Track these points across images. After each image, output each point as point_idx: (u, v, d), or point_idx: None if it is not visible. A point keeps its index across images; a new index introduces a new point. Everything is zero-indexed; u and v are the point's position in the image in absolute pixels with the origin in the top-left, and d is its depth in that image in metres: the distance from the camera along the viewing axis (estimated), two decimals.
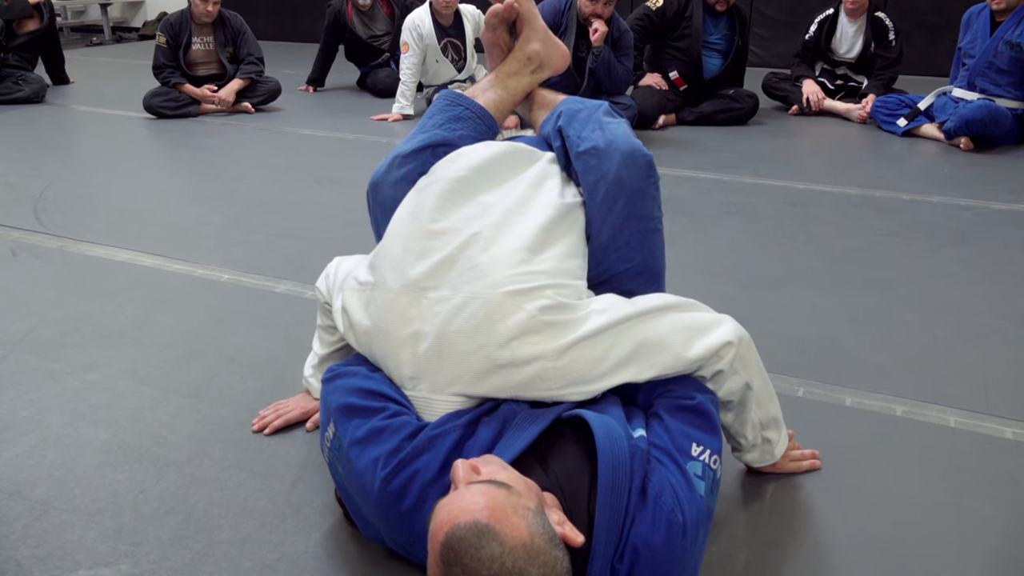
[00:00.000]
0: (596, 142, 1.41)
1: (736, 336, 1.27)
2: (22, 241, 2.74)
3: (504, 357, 1.18)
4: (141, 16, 9.47)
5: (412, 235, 1.32)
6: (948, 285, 2.41)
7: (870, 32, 4.71)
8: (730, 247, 2.72)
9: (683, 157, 3.88)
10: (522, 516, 0.94)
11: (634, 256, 1.41)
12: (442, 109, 1.56)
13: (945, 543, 1.36)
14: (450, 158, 1.46)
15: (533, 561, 0.91)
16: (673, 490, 1.09)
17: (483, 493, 0.96)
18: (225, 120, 4.69)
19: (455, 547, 0.91)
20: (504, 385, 1.20)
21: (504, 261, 1.25)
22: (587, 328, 1.20)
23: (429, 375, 1.22)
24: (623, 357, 1.21)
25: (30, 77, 5.22)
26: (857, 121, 4.64)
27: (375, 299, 1.28)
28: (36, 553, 1.31)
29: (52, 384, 1.83)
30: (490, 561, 0.89)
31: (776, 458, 1.47)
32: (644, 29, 4.50)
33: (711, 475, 1.15)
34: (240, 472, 1.52)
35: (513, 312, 1.19)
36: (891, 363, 1.95)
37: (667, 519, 1.06)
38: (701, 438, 1.17)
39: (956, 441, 1.65)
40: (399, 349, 1.24)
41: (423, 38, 4.62)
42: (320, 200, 3.23)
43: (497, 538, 0.91)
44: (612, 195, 1.39)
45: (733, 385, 1.29)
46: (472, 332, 1.19)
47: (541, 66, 1.64)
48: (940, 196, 3.28)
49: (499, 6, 1.61)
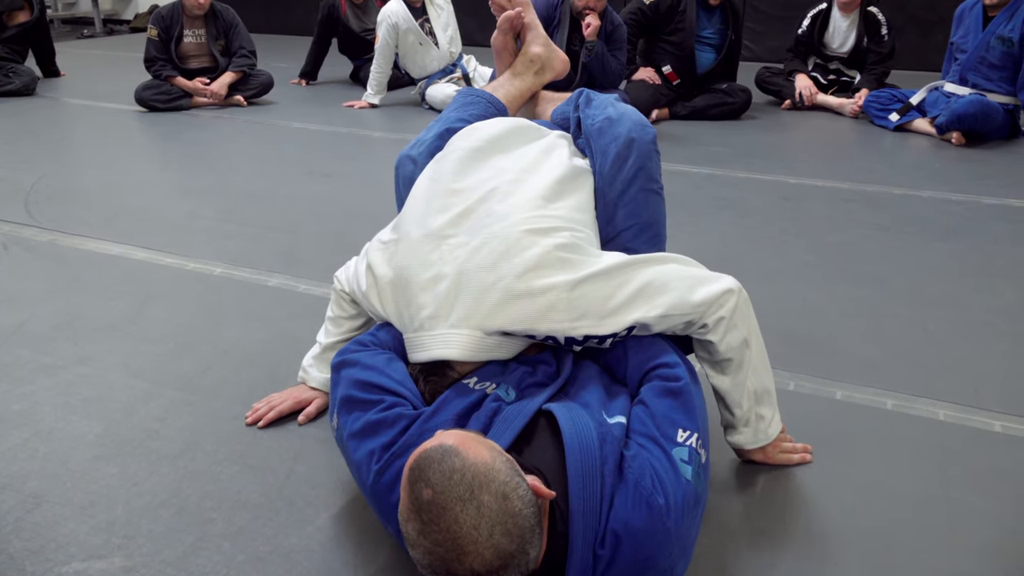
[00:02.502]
0: (609, 114, 1.56)
1: (736, 287, 1.33)
2: (13, 235, 2.73)
3: (520, 288, 1.26)
4: (132, 9, 9.42)
5: (433, 194, 1.44)
6: (939, 279, 2.43)
7: (863, 27, 4.72)
8: (722, 241, 2.73)
9: (676, 151, 3.89)
10: (487, 447, 1.01)
11: (640, 212, 1.52)
12: (457, 100, 1.75)
13: (935, 535, 1.37)
14: (466, 131, 1.60)
15: (492, 477, 0.96)
16: (655, 473, 1.10)
17: (458, 431, 1.05)
18: (217, 113, 4.68)
19: (420, 464, 0.97)
20: (520, 316, 1.26)
21: (521, 207, 1.36)
22: (600, 266, 1.29)
23: (447, 312, 1.29)
24: (630, 294, 1.28)
25: (20, 70, 5.18)
26: (849, 116, 4.65)
27: (398, 251, 1.38)
28: (29, 546, 1.31)
29: (44, 377, 1.83)
30: (451, 472, 0.95)
31: (769, 439, 1.47)
32: (637, 23, 4.50)
33: (697, 459, 1.16)
34: (233, 465, 1.52)
35: (530, 247, 1.29)
36: (882, 357, 1.96)
37: (647, 502, 1.07)
38: (686, 423, 1.19)
39: (946, 434, 1.66)
40: (419, 293, 1.31)
41: (396, 28, 4.67)
42: (313, 193, 3.22)
43: (460, 456, 0.97)
44: (623, 154, 1.51)
45: (733, 339, 1.33)
46: (491, 266, 1.28)
47: (543, 68, 1.84)
48: (931, 191, 3.29)
49: (511, 12, 1.80)
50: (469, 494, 0.94)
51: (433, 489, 0.95)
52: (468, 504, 0.94)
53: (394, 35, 4.67)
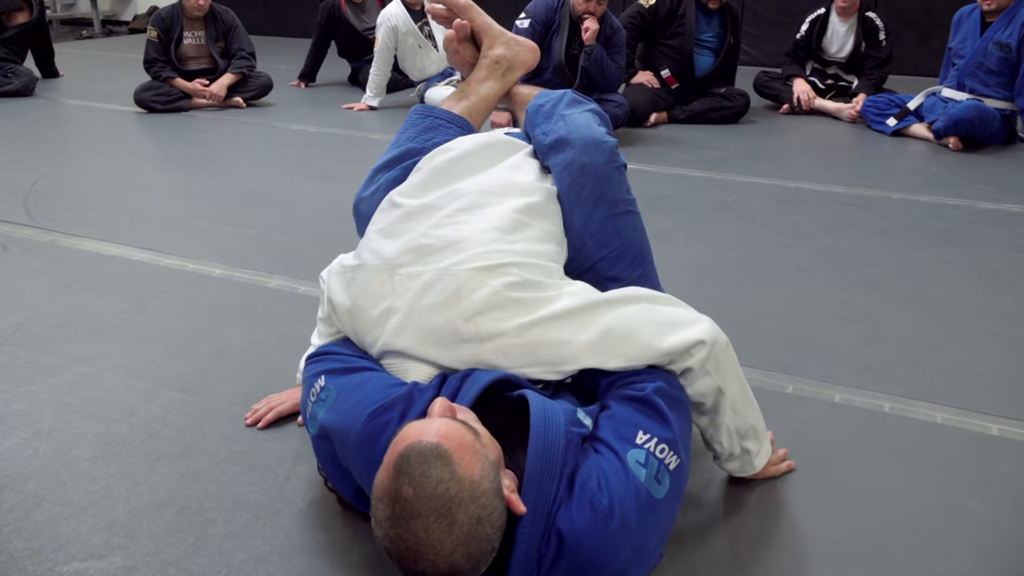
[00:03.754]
0: (559, 133, 1.45)
1: (710, 337, 1.25)
2: (12, 235, 2.73)
3: (469, 331, 1.23)
4: (131, 10, 9.42)
5: (390, 219, 1.39)
6: (936, 283, 2.44)
7: (861, 32, 4.74)
8: (720, 245, 2.74)
9: (674, 155, 3.90)
10: (480, 460, 1.00)
11: (610, 240, 1.43)
12: (413, 123, 1.61)
13: (931, 537, 1.38)
14: (435, 151, 1.50)
15: (474, 499, 0.96)
16: (602, 476, 1.09)
17: (454, 427, 1.02)
18: (216, 115, 4.68)
19: (411, 459, 0.97)
20: (471, 359, 1.24)
21: (475, 240, 1.29)
22: (554, 308, 1.23)
23: (400, 348, 1.27)
24: (589, 342, 1.22)
25: (19, 70, 5.19)
26: (847, 120, 4.66)
27: (355, 280, 1.35)
28: (29, 546, 1.31)
29: (44, 378, 1.83)
30: (437, 482, 0.95)
31: (756, 469, 1.44)
32: (636, 27, 4.51)
33: (656, 463, 1.13)
34: (233, 466, 1.53)
35: (479, 288, 1.23)
36: (879, 360, 1.97)
37: (589, 503, 1.06)
38: (648, 427, 1.16)
39: (943, 437, 1.67)
40: (373, 326, 1.31)
41: (396, 31, 4.69)
42: (311, 195, 3.22)
43: (451, 465, 0.96)
44: (578, 182, 1.41)
45: (703, 387, 1.27)
46: (440, 307, 1.24)
47: (511, 67, 1.68)
48: (928, 195, 3.31)
49: (450, 32, 1.66)
50: (447, 509, 0.95)
51: (414, 491, 0.95)
52: (442, 519, 0.95)
53: (393, 38, 4.69)
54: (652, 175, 3.55)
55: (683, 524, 1.38)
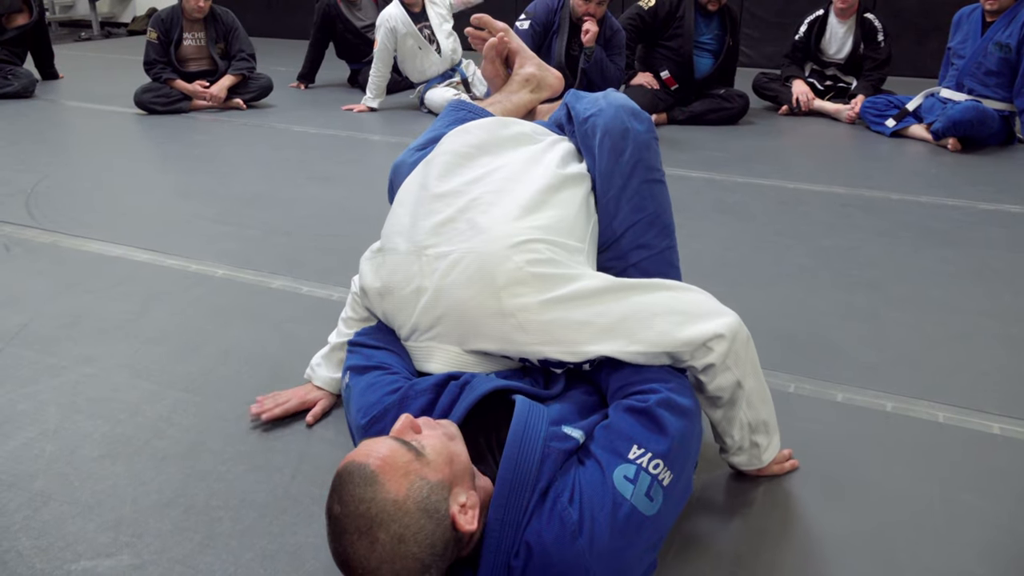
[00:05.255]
0: (600, 105, 1.49)
1: (731, 331, 1.25)
2: (15, 236, 2.74)
3: (492, 306, 1.24)
4: (130, 11, 9.42)
5: (418, 202, 1.43)
6: (936, 283, 2.45)
7: (859, 33, 4.76)
8: (720, 245, 2.75)
9: (674, 156, 3.91)
10: (409, 480, 1.00)
11: (646, 205, 1.46)
12: (447, 114, 1.70)
13: (933, 535, 1.39)
14: (456, 132, 1.56)
15: (396, 519, 0.98)
16: (578, 490, 1.08)
17: (389, 447, 1.03)
18: (216, 116, 4.69)
19: (342, 478, 1.01)
20: (492, 335, 1.26)
21: (500, 220, 1.32)
22: (576, 287, 1.24)
23: (427, 326, 1.31)
24: (608, 325, 1.22)
25: (19, 72, 5.19)
26: (846, 121, 4.68)
27: (385, 263, 1.39)
28: (38, 544, 1.32)
29: (49, 378, 1.84)
30: (358, 501, 0.98)
31: (763, 464, 1.45)
32: (636, 29, 4.52)
33: (648, 480, 1.10)
34: (239, 465, 1.53)
35: (503, 262, 1.26)
36: (881, 359, 1.98)
37: (559, 517, 1.06)
38: (645, 441, 1.13)
39: (945, 436, 1.68)
40: (404, 306, 1.34)
41: (395, 32, 4.69)
42: (312, 196, 3.23)
43: (374, 486, 0.99)
44: (619, 146, 1.44)
45: (724, 381, 1.27)
46: (466, 283, 1.27)
47: (539, 86, 1.80)
48: (928, 196, 3.32)
49: (493, 40, 1.77)
50: (367, 528, 0.97)
51: (341, 508, 0.99)
52: (364, 537, 0.97)
53: (392, 39, 4.70)
54: None
55: (686, 523, 1.39)
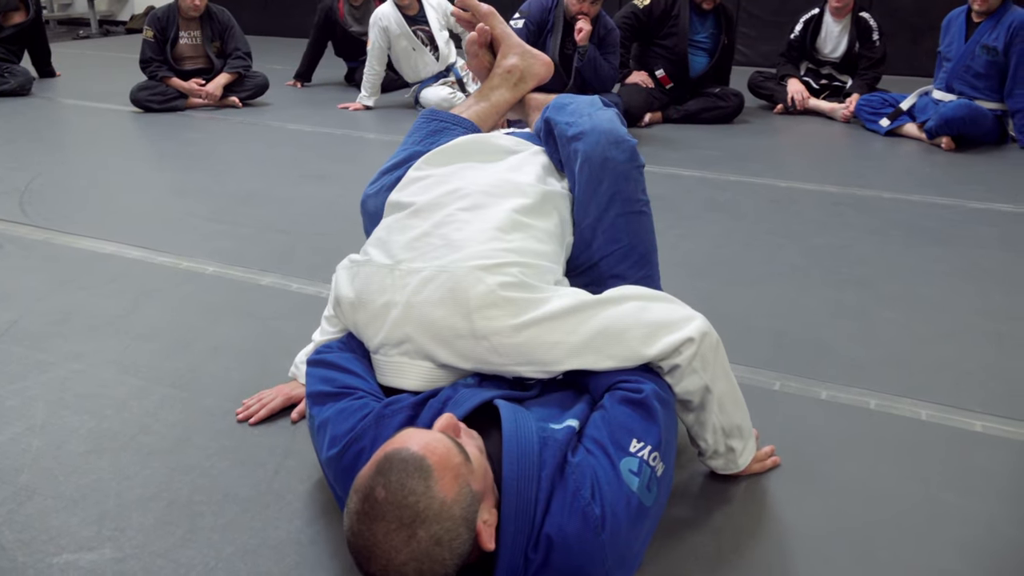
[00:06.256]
0: (582, 127, 1.47)
1: (699, 334, 1.25)
2: (8, 233, 2.74)
3: (464, 328, 1.25)
4: (128, 10, 9.43)
5: (395, 217, 1.44)
6: (926, 282, 2.45)
7: (854, 32, 4.76)
8: (711, 244, 2.75)
9: (667, 154, 3.92)
10: (459, 484, 1.00)
11: (620, 237, 1.46)
12: (419, 127, 1.67)
13: (915, 532, 1.39)
14: (434, 151, 1.54)
15: (440, 520, 0.97)
16: (597, 483, 1.09)
17: (445, 445, 1.03)
18: (212, 114, 4.69)
19: (392, 462, 0.99)
20: (466, 355, 1.26)
21: (474, 239, 1.32)
22: (547, 310, 1.24)
23: (397, 341, 1.30)
24: (580, 344, 1.23)
25: (16, 70, 5.20)
26: (841, 120, 4.68)
27: (360, 274, 1.38)
28: (21, 537, 1.33)
29: (38, 374, 1.85)
30: (409, 492, 0.97)
31: (740, 468, 1.45)
32: (631, 27, 4.53)
33: (648, 472, 1.13)
34: (223, 460, 1.54)
35: (475, 285, 1.25)
36: (867, 358, 1.98)
37: (582, 511, 1.06)
38: (643, 433, 1.16)
39: (927, 434, 1.69)
40: (375, 318, 1.33)
41: (388, 31, 4.70)
42: (306, 194, 3.24)
43: (428, 481, 0.98)
44: (596, 176, 1.44)
45: (691, 384, 1.27)
46: (437, 303, 1.26)
47: (523, 78, 1.74)
48: (920, 195, 3.32)
49: (473, 34, 1.73)
50: (411, 521, 0.96)
51: (386, 494, 0.97)
52: (404, 529, 0.96)
53: (385, 38, 4.70)
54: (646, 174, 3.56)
55: (668, 519, 1.39)
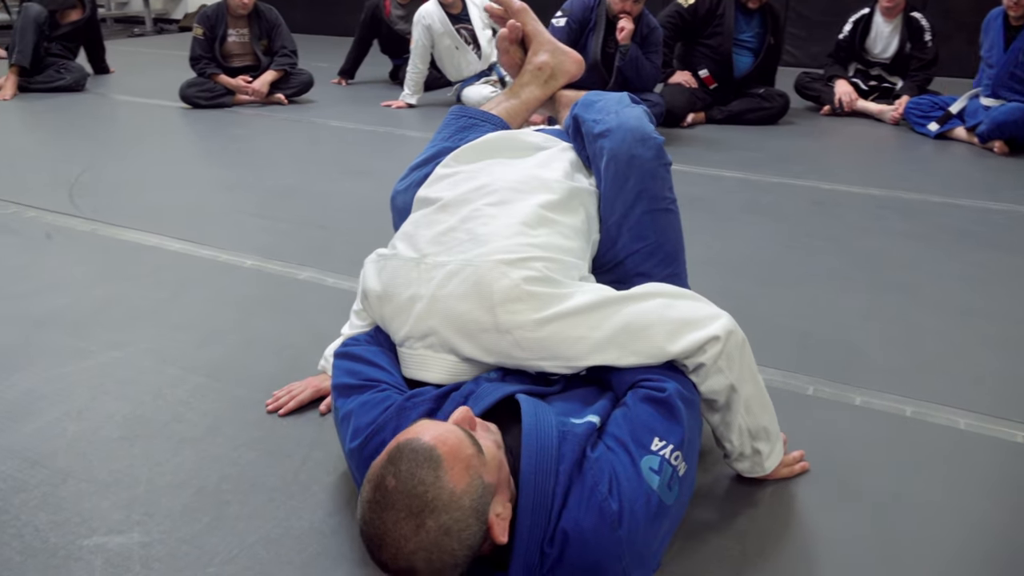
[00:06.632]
0: (609, 124, 1.47)
1: (725, 332, 1.24)
2: (57, 224, 2.83)
3: (487, 322, 1.25)
4: (182, 8, 9.63)
5: (423, 212, 1.45)
6: (970, 289, 2.39)
7: (906, 32, 4.65)
8: (749, 245, 2.72)
9: (709, 155, 3.88)
10: (470, 476, 1.01)
11: (646, 235, 1.45)
12: (448, 124, 1.69)
13: (943, 544, 1.36)
14: (464, 147, 1.56)
15: (448, 510, 0.98)
16: (615, 479, 1.09)
17: (457, 436, 1.04)
18: (258, 111, 4.77)
19: (404, 451, 1.01)
20: (489, 349, 1.27)
21: (500, 234, 1.33)
22: (570, 304, 1.24)
23: (422, 335, 1.31)
24: (603, 339, 1.23)
25: (71, 66, 5.34)
26: (890, 122, 4.58)
27: (386, 267, 1.40)
28: (54, 519, 1.37)
29: (80, 360, 1.90)
30: (418, 482, 0.98)
31: (766, 471, 1.43)
32: (675, 27, 4.49)
33: (670, 471, 1.13)
34: (252, 450, 1.57)
35: (499, 279, 1.26)
36: (904, 364, 1.94)
37: (599, 507, 1.06)
38: (665, 432, 1.15)
39: (964, 443, 1.64)
40: (400, 311, 1.34)
41: (431, 30, 4.72)
42: (346, 191, 3.28)
43: (438, 471, 0.99)
44: (623, 174, 1.44)
45: (715, 384, 1.26)
46: (462, 296, 1.27)
47: (553, 75, 1.75)
48: (969, 199, 3.24)
49: (504, 31, 1.74)
50: (419, 511, 0.97)
51: (396, 483, 0.99)
52: (412, 519, 0.97)
53: (428, 36, 4.73)
54: (686, 175, 3.53)
55: (692, 520, 1.38)
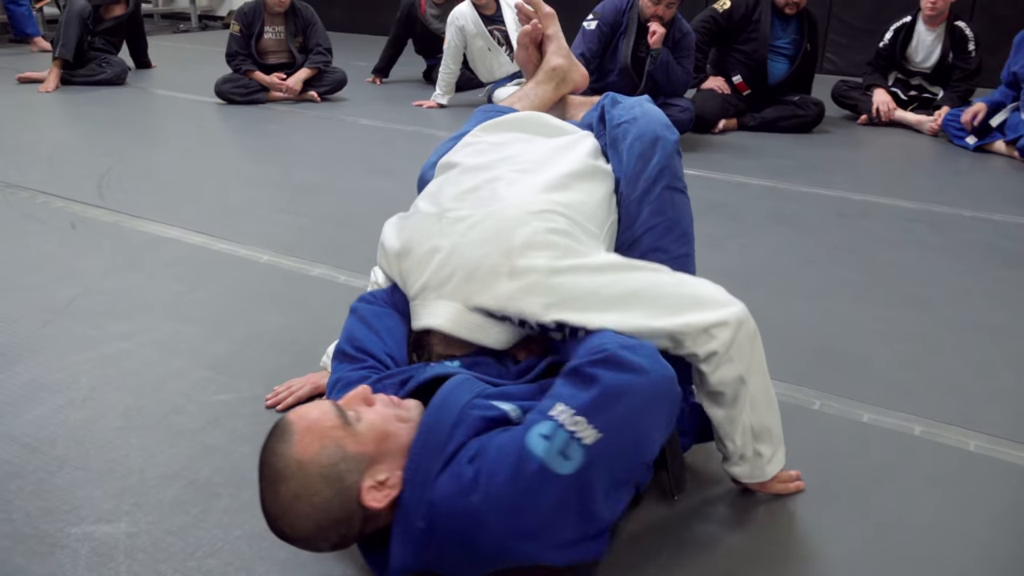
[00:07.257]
0: (635, 114, 1.53)
1: (737, 320, 1.24)
2: (82, 214, 2.88)
3: (504, 265, 1.26)
4: (226, 6, 9.77)
5: (447, 175, 1.50)
6: (994, 306, 2.32)
7: (949, 42, 4.54)
8: (770, 254, 2.67)
9: (738, 162, 3.82)
10: (323, 445, 1.07)
11: (665, 210, 1.48)
12: (475, 117, 1.74)
13: (945, 568, 1.31)
14: (492, 121, 1.63)
15: (295, 478, 1.05)
16: (483, 449, 1.07)
17: (321, 410, 1.11)
18: (291, 108, 4.82)
19: (272, 429, 1.10)
20: (499, 293, 1.26)
21: (525, 192, 1.37)
22: (588, 260, 1.27)
23: (437, 284, 1.32)
24: (614, 296, 1.23)
25: (113, 60, 5.45)
26: (928, 134, 4.48)
27: (407, 225, 1.45)
28: (45, 506, 1.39)
29: (88, 349, 1.93)
30: (270, 452, 1.08)
31: (766, 477, 1.39)
32: (709, 31, 4.44)
33: (564, 436, 1.03)
34: (247, 444, 1.57)
35: (521, 226, 1.29)
36: (917, 382, 1.89)
37: (456, 475, 1.07)
38: (569, 398, 1.07)
39: (973, 465, 1.59)
40: (417, 264, 1.36)
41: (464, 31, 4.73)
42: (369, 188, 3.29)
43: (286, 442, 1.07)
44: (647, 152, 1.48)
45: (726, 374, 1.25)
46: (481, 242, 1.30)
47: (564, 80, 1.84)
48: (1002, 214, 3.15)
49: (527, 27, 1.83)
50: (272, 479, 1.07)
51: (262, 456, 1.09)
52: (269, 486, 1.07)
53: (461, 37, 4.74)
54: (711, 181, 3.49)
55: (680, 531, 1.36)
